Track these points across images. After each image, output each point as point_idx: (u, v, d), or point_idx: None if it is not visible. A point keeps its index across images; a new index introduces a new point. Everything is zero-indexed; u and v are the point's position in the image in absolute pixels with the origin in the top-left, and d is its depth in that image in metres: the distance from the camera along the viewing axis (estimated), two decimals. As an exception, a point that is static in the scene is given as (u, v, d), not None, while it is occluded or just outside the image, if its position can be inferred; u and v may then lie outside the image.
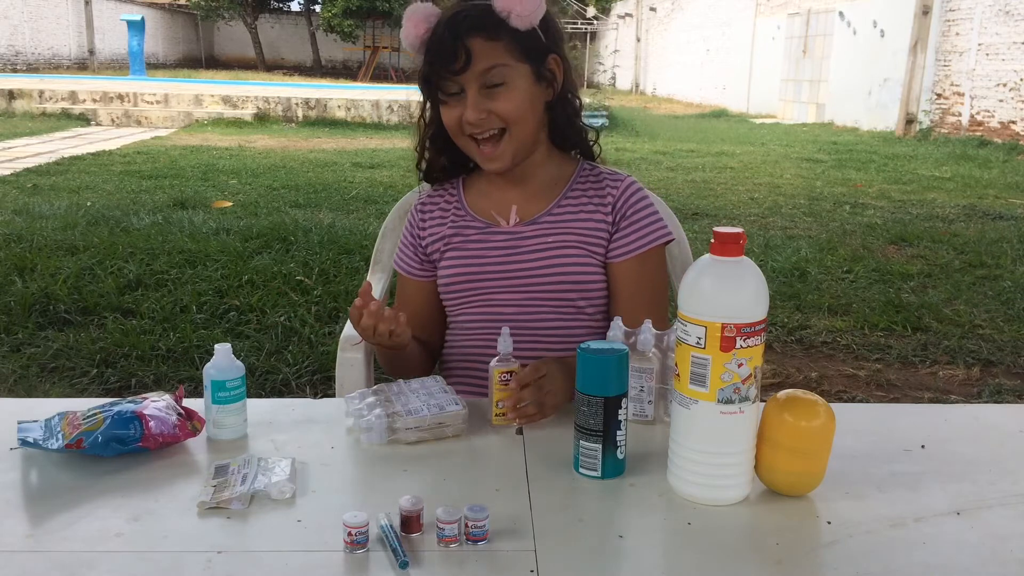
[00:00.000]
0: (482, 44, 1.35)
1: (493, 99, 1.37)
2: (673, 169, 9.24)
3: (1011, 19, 11.95)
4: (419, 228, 1.54)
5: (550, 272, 1.44)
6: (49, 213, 5.77)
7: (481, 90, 1.36)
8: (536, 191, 1.48)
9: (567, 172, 1.51)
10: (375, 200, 6.80)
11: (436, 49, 1.36)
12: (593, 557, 0.93)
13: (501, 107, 1.37)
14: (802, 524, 1.01)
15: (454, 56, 1.34)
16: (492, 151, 1.40)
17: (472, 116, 1.37)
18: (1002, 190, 8.29)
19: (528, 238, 1.46)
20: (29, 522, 0.99)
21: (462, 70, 1.35)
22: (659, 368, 1.23)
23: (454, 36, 1.34)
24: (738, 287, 1.01)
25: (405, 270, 1.56)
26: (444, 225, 1.51)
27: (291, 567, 0.90)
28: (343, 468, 1.14)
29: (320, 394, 3.09)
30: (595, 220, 1.46)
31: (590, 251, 1.45)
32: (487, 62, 1.35)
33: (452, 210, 1.52)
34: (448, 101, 1.39)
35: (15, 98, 13.22)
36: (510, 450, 1.18)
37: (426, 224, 1.53)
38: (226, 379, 1.18)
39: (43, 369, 3.24)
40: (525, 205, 1.48)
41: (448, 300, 1.52)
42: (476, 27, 1.35)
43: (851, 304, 4.29)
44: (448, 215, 1.52)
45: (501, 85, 1.36)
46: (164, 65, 29.88)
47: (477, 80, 1.36)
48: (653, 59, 28.40)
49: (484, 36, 1.35)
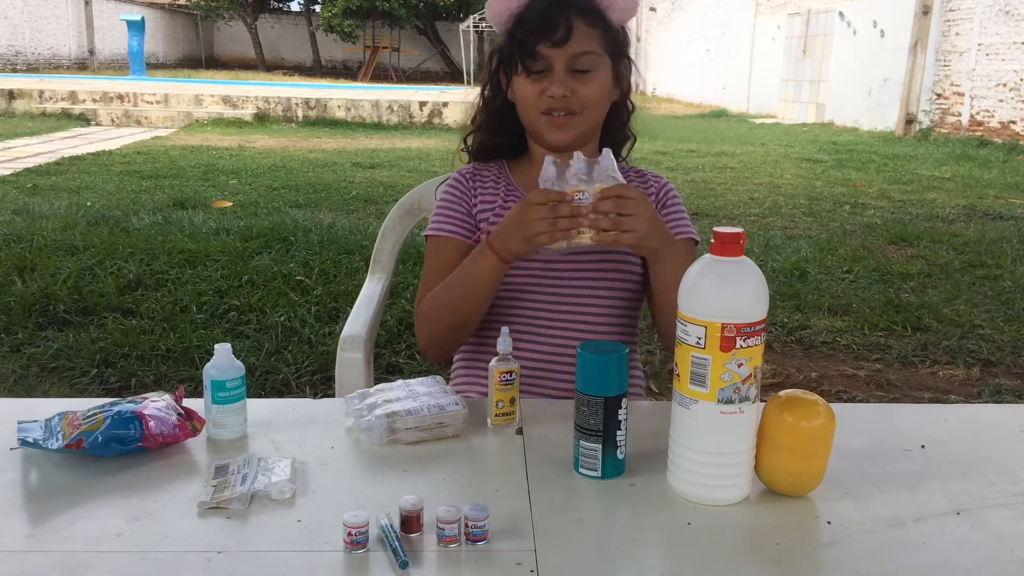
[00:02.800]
0: (582, 27, 1.39)
1: (578, 82, 1.41)
2: (673, 169, 9.24)
3: (1011, 19, 11.96)
4: (470, 193, 1.53)
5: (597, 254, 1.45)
6: (49, 213, 5.77)
7: (568, 71, 1.40)
8: None
9: None
10: (375, 200, 6.80)
11: (537, 20, 1.39)
12: (593, 557, 0.93)
13: (584, 91, 1.41)
14: (802, 524, 1.01)
15: (555, 28, 1.37)
16: (563, 123, 1.43)
17: (557, 91, 1.39)
18: (1002, 190, 8.29)
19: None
20: (29, 522, 0.99)
21: (562, 42, 1.38)
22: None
23: (560, 9, 1.38)
24: (738, 287, 1.01)
25: (452, 231, 1.50)
26: (497, 196, 1.51)
27: (291, 567, 0.90)
28: (343, 468, 1.14)
29: (320, 394, 3.09)
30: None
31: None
32: (582, 46, 1.39)
33: (504, 185, 1.53)
34: (532, 75, 1.41)
35: (15, 98, 13.21)
36: (510, 450, 1.18)
37: (478, 191, 1.53)
38: (226, 379, 1.18)
39: (43, 369, 3.24)
40: None
41: None
42: (581, 8, 1.39)
43: (851, 304, 4.29)
44: (500, 189, 1.53)
45: (587, 72, 1.41)
46: (164, 65, 29.87)
47: (568, 60, 1.40)
48: (653, 59, 28.39)
49: (586, 20, 1.40)
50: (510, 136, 1.53)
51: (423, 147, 10.58)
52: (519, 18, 1.42)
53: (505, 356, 1.23)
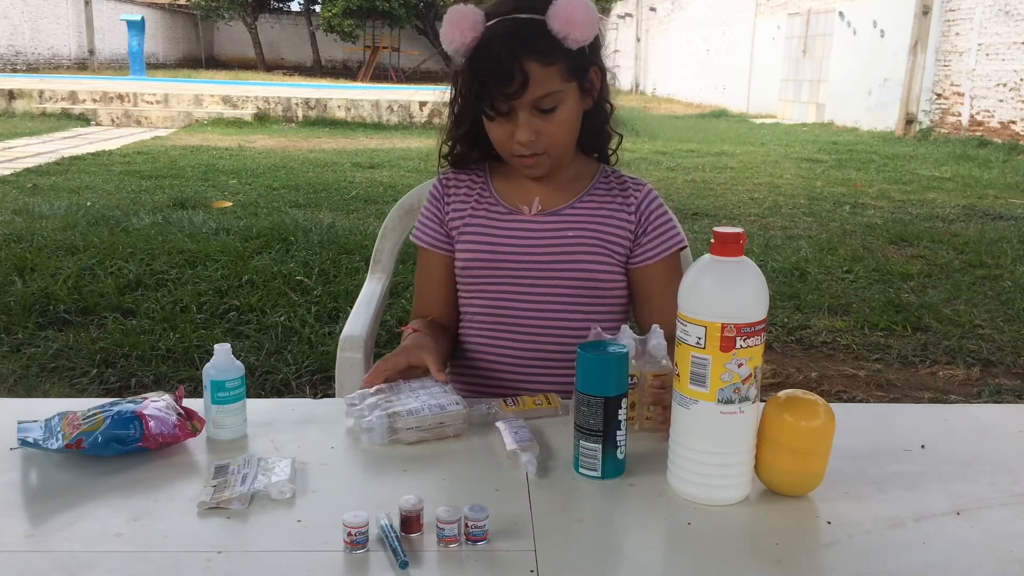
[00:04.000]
0: (538, 69, 1.32)
1: (544, 122, 1.37)
2: (673, 169, 9.24)
3: (1011, 19, 11.96)
4: (443, 202, 1.53)
5: (566, 266, 1.45)
6: (49, 213, 5.77)
7: (533, 112, 1.36)
8: (560, 186, 1.50)
9: (590, 171, 1.53)
10: (375, 200, 6.80)
11: (490, 68, 1.32)
12: (593, 557, 0.93)
13: (550, 130, 1.37)
14: (802, 524, 1.01)
15: (510, 79, 1.31)
16: (533, 162, 1.42)
17: (523, 137, 1.36)
18: (1002, 190, 8.29)
19: (548, 228, 1.47)
20: (29, 522, 0.99)
21: (517, 95, 1.33)
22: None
23: (511, 57, 1.31)
24: (738, 287, 1.01)
25: (428, 243, 1.54)
26: (468, 204, 1.51)
27: (291, 567, 0.90)
28: (343, 468, 1.14)
29: (320, 394, 3.09)
30: (618, 220, 1.47)
31: (610, 250, 1.46)
32: (542, 89, 1.34)
33: (477, 191, 1.52)
34: (496, 119, 1.38)
35: (15, 98, 13.21)
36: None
37: (450, 199, 1.53)
38: (226, 379, 1.18)
39: (43, 369, 3.24)
40: (548, 197, 1.49)
41: (461, 284, 1.53)
42: (532, 51, 1.31)
43: (851, 304, 4.29)
44: (473, 195, 1.52)
45: (552, 110, 1.36)
46: (164, 65, 29.87)
47: (530, 104, 1.35)
48: (653, 59, 28.40)
49: (541, 61, 1.32)
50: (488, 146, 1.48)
51: (423, 147, 10.57)
52: (474, 57, 1.34)
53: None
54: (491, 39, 1.33)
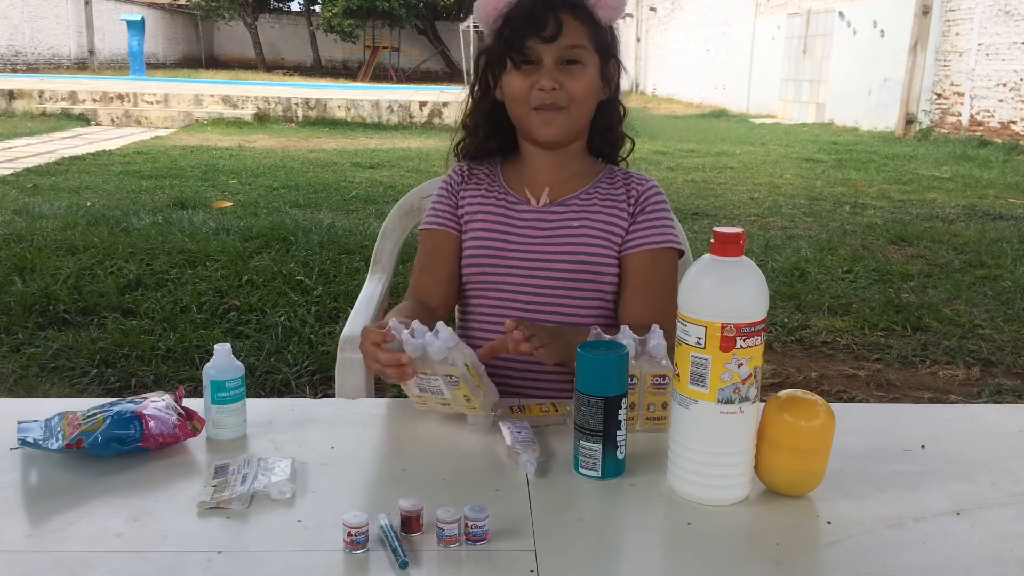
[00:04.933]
0: (572, 21, 1.41)
1: (567, 75, 1.42)
2: (673, 169, 9.24)
3: (1011, 19, 11.95)
4: (460, 188, 1.57)
5: (569, 255, 1.48)
6: (49, 213, 5.77)
7: (558, 64, 1.42)
8: (568, 178, 1.53)
9: (597, 169, 1.57)
10: (375, 200, 6.80)
11: (525, 16, 1.41)
12: (593, 557, 0.93)
13: (572, 84, 1.42)
14: (802, 524, 1.01)
15: (544, 24, 1.39)
16: (551, 117, 1.44)
17: (547, 83, 1.41)
18: (1002, 190, 8.29)
19: (554, 218, 1.50)
20: (29, 522, 0.99)
21: (552, 38, 1.40)
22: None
23: (549, 6, 1.40)
24: (738, 287, 1.01)
25: (439, 223, 1.56)
26: (479, 193, 1.55)
27: (291, 567, 0.90)
28: (343, 468, 1.14)
29: (320, 394, 3.09)
30: (617, 210, 1.51)
31: (610, 241, 1.49)
32: (573, 39, 1.41)
33: (486, 182, 1.56)
34: (522, 69, 1.43)
35: (15, 98, 13.20)
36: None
37: (467, 186, 1.56)
38: (226, 379, 1.18)
39: (43, 369, 3.24)
40: (557, 188, 1.52)
41: (468, 276, 1.54)
42: (569, 4, 1.41)
43: (851, 304, 4.29)
44: (483, 185, 1.56)
45: (578, 64, 1.42)
46: (164, 65, 29.86)
47: (558, 53, 1.41)
48: (653, 59, 28.39)
49: (575, 16, 1.42)
50: (502, 137, 1.55)
51: (423, 147, 10.57)
52: (508, 16, 1.43)
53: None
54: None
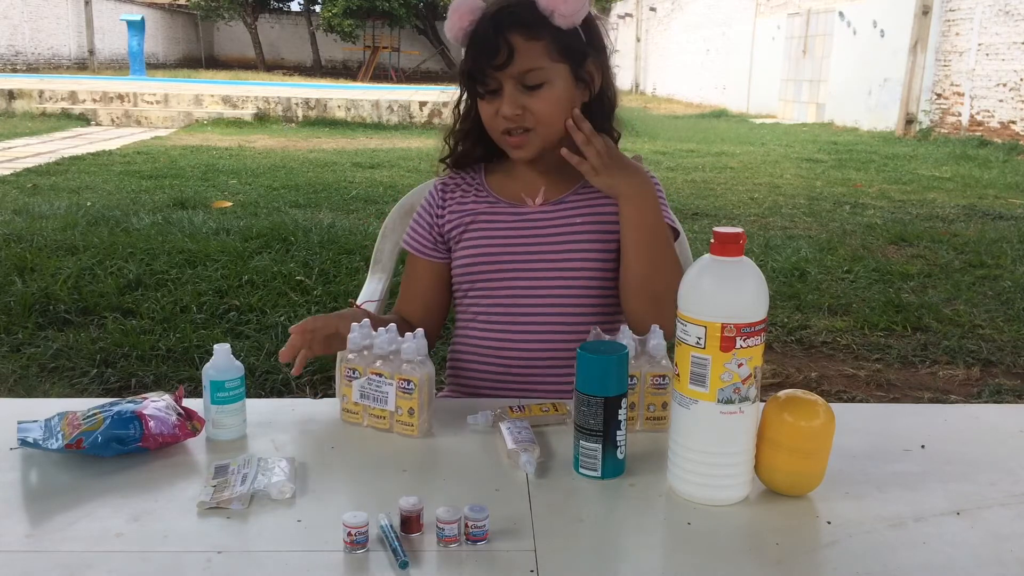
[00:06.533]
0: (523, 43, 1.37)
1: (530, 98, 1.39)
2: (673, 169, 9.24)
3: (1011, 19, 11.95)
4: (438, 207, 1.54)
5: (576, 252, 1.46)
6: (49, 213, 5.77)
7: (518, 87, 1.39)
8: (561, 176, 1.50)
9: None
10: (375, 200, 6.80)
11: (478, 43, 1.39)
12: (593, 557, 0.93)
13: (536, 106, 1.39)
14: (802, 524, 1.01)
15: (495, 51, 1.36)
16: (520, 141, 1.43)
17: (508, 111, 1.39)
18: (1002, 190, 8.29)
19: (555, 217, 1.48)
20: (29, 522, 0.99)
21: (502, 66, 1.37)
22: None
23: (496, 31, 1.36)
24: (738, 287, 1.01)
25: (417, 249, 1.55)
26: (466, 204, 1.52)
27: (291, 567, 0.90)
28: (343, 468, 1.14)
29: (320, 394, 3.09)
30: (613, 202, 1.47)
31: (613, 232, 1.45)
32: (526, 64, 1.37)
33: (473, 192, 1.53)
34: (486, 96, 1.41)
35: (15, 98, 13.21)
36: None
37: (447, 203, 1.53)
38: (225, 379, 1.18)
39: (43, 369, 3.24)
40: (551, 187, 1.50)
41: (464, 283, 1.52)
42: (518, 24, 1.37)
43: (851, 304, 4.29)
44: (469, 195, 1.53)
45: (538, 86, 1.39)
46: (164, 65, 29.87)
47: (515, 78, 1.38)
48: (653, 59, 28.39)
49: (525, 35, 1.37)
50: (490, 145, 1.51)
51: (423, 147, 10.57)
52: (469, 39, 1.41)
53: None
54: (482, 18, 1.39)
